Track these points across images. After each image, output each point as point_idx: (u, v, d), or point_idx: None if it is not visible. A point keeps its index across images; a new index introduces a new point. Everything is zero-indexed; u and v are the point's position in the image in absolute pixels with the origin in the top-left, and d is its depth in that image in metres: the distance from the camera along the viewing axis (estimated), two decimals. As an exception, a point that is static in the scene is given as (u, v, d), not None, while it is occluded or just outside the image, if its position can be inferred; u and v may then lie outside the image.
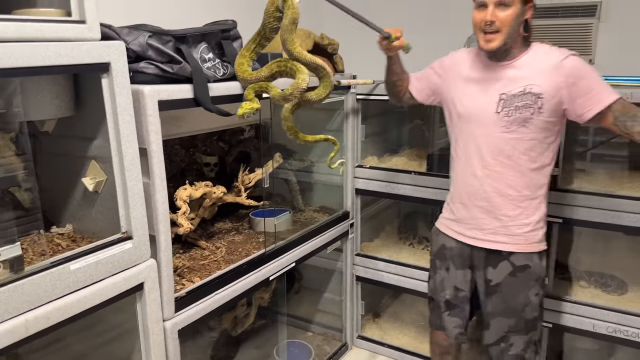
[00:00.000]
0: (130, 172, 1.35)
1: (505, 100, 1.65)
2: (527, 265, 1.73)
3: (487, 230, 1.75)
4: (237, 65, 1.42)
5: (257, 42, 1.44)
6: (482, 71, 1.72)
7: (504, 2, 1.56)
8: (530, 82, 1.62)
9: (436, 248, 1.92)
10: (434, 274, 1.92)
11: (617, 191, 2.05)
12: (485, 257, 1.78)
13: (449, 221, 1.88)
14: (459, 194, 1.81)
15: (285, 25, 1.35)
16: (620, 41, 2.51)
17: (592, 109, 1.60)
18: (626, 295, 2.20)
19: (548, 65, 1.62)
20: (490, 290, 1.79)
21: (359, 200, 2.53)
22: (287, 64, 1.44)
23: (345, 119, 2.38)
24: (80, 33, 1.20)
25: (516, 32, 1.61)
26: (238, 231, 2.23)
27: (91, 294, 1.28)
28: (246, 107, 1.42)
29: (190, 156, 2.33)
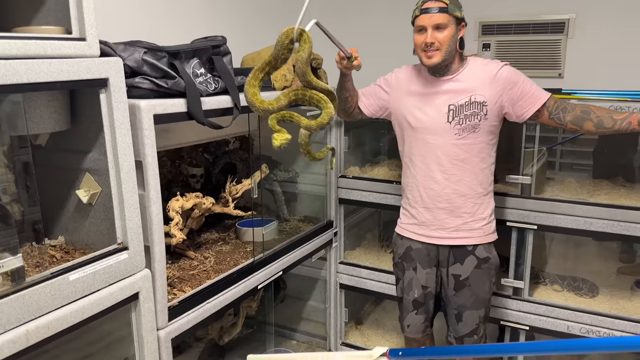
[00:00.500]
0: (126, 184, 1.39)
1: (454, 111, 1.84)
2: (488, 257, 1.94)
3: (451, 229, 1.93)
4: (251, 95, 1.40)
5: (266, 71, 1.44)
6: (427, 86, 1.90)
7: (440, 25, 1.76)
8: (474, 92, 1.83)
9: (402, 251, 2.05)
10: (402, 275, 2.06)
11: (587, 199, 2.17)
12: (452, 254, 1.95)
13: (412, 226, 2.02)
14: (421, 199, 1.96)
15: (304, 58, 1.37)
16: (587, 56, 2.66)
17: (530, 109, 1.84)
18: (597, 297, 2.31)
19: (487, 76, 1.83)
20: (459, 285, 1.95)
21: (342, 209, 2.59)
22: (307, 92, 1.45)
23: (329, 130, 2.45)
24: (81, 50, 1.24)
25: (453, 49, 1.81)
26: (225, 241, 2.27)
27: (89, 304, 1.30)
28: (281, 139, 1.42)
29: (176, 168, 2.36)
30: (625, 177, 2.43)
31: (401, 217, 2.09)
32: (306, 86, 1.45)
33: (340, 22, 3.15)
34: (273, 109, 1.43)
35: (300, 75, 1.41)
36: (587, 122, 1.81)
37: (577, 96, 2.24)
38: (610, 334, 2.11)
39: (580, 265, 2.60)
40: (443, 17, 1.75)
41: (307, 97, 1.46)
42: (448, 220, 1.93)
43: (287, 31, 1.37)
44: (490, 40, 2.82)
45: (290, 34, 1.36)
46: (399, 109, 1.99)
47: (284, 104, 1.44)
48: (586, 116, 1.81)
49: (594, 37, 2.62)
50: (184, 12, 2.42)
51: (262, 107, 1.41)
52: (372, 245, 2.90)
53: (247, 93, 1.41)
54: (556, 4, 2.66)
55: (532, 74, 2.69)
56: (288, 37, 1.36)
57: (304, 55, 1.38)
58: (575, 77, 2.67)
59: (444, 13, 1.75)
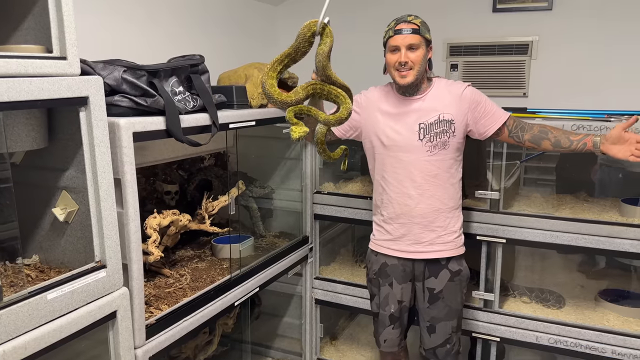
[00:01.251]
0: (105, 202, 1.39)
1: (424, 129, 1.92)
2: (460, 270, 2.02)
3: (425, 243, 1.99)
4: (269, 87, 1.37)
5: (285, 63, 1.40)
6: (398, 106, 1.97)
7: (413, 45, 1.85)
8: (442, 111, 1.92)
9: (377, 267, 2.09)
10: (378, 290, 2.10)
11: (553, 213, 2.26)
12: (427, 268, 2.01)
13: (387, 242, 2.06)
14: (395, 215, 2.01)
15: (325, 51, 1.35)
16: (549, 77, 2.78)
17: (491, 127, 1.96)
18: (564, 308, 2.39)
19: (453, 96, 1.94)
20: (433, 298, 2.01)
21: (317, 225, 2.62)
22: (325, 87, 1.42)
23: (304, 147, 2.49)
24: (62, 69, 1.24)
25: (424, 69, 1.90)
26: (200, 258, 2.26)
27: (67, 323, 1.29)
28: (299, 131, 1.39)
29: (150, 185, 2.35)
30: (587, 192, 2.54)
31: (375, 233, 2.13)
32: (325, 81, 1.42)
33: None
34: (291, 101, 1.39)
35: (320, 69, 1.38)
36: (544, 141, 1.93)
37: (541, 115, 2.35)
38: (577, 344, 2.19)
39: (547, 278, 2.70)
40: (415, 37, 1.84)
41: (325, 92, 1.43)
42: (423, 234, 1.98)
43: (310, 24, 1.35)
44: (458, 61, 2.93)
45: (312, 27, 1.34)
46: (370, 128, 2.05)
47: (301, 97, 1.41)
48: (544, 135, 1.93)
49: (556, 59, 2.75)
50: (161, 31, 2.44)
51: (280, 99, 1.38)
52: (346, 260, 2.93)
53: (266, 84, 1.38)
54: (520, 27, 2.79)
55: (499, 93, 2.82)
56: (310, 30, 1.35)
57: (325, 49, 1.36)
58: (539, 96, 2.80)
59: (416, 34, 1.84)
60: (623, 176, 2.52)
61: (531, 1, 2.75)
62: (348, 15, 3.18)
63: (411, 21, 1.85)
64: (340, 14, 3.18)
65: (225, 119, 1.86)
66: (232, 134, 2.08)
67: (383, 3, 3.06)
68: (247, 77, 2.16)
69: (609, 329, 2.16)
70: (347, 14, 3.17)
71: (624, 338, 2.11)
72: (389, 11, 2.99)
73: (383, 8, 3.07)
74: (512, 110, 2.44)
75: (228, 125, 1.89)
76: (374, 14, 3.11)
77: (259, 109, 2.12)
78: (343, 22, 3.20)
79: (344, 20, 3.19)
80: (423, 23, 1.87)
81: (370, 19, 3.12)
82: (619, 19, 2.60)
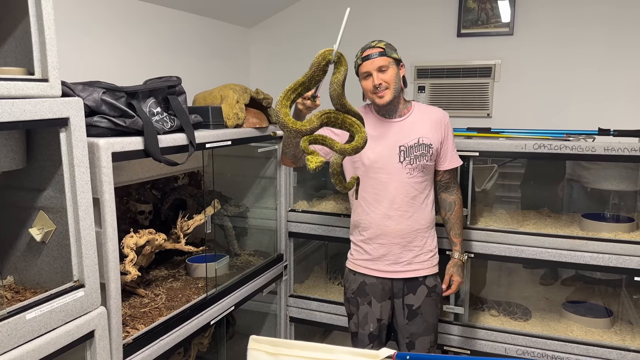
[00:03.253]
0: (84, 221, 1.40)
1: (404, 151, 1.98)
2: (436, 285, 2.08)
3: (404, 262, 2.03)
4: (283, 116, 1.34)
5: (298, 92, 1.39)
6: (378, 127, 2.02)
7: (383, 67, 1.91)
8: (421, 134, 1.99)
9: (355, 286, 2.10)
10: (357, 310, 2.11)
11: (517, 228, 2.36)
12: (405, 285, 2.06)
13: (365, 262, 2.08)
14: (375, 235, 2.04)
15: (340, 80, 1.36)
16: (511, 98, 2.92)
17: (443, 165, 2.06)
18: (530, 320, 2.48)
19: (432, 120, 2.02)
20: (412, 314, 2.05)
21: (292, 243, 2.66)
22: (339, 116, 1.41)
23: (279, 166, 2.54)
24: (43, 90, 1.26)
25: (399, 86, 1.97)
26: (175, 278, 2.26)
27: (45, 343, 1.29)
28: (316, 161, 1.37)
29: (124, 204, 2.35)
30: (550, 208, 2.66)
31: (353, 253, 2.14)
32: (339, 109, 1.41)
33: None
34: (306, 130, 1.38)
35: (335, 97, 1.38)
36: (443, 211, 2.14)
37: (505, 134, 2.47)
38: (543, 354, 2.27)
39: (514, 291, 2.79)
40: (383, 59, 1.91)
41: (339, 120, 1.42)
42: (402, 254, 2.02)
43: (325, 53, 1.35)
44: (425, 83, 3.05)
45: (327, 56, 1.34)
46: None
47: (316, 126, 1.39)
48: (447, 209, 2.12)
49: (517, 81, 2.90)
50: (136, 54, 2.47)
51: (295, 127, 1.36)
52: (320, 277, 2.96)
53: (280, 113, 1.35)
54: (483, 51, 2.93)
55: (464, 114, 2.94)
56: (325, 59, 1.34)
57: (340, 77, 1.36)
58: (502, 117, 2.93)
59: (383, 56, 1.91)
60: (584, 193, 2.65)
61: (493, 27, 2.90)
62: (317, 43, 3.27)
63: (375, 45, 1.93)
64: (310, 42, 3.27)
65: (201, 139, 1.90)
66: (208, 153, 2.11)
67: (352, 30, 3.16)
68: (222, 98, 2.20)
69: (573, 339, 2.26)
70: (316, 41, 3.27)
71: (587, 347, 2.21)
72: (361, 37, 3.11)
73: (354, 35, 3.17)
74: (476, 130, 2.56)
75: (205, 144, 1.92)
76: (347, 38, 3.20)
77: (235, 128, 2.16)
78: (315, 50, 3.29)
79: (316, 48, 3.28)
80: (388, 45, 1.95)
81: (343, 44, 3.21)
82: (575, 44, 2.76)
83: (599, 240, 2.17)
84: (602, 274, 2.64)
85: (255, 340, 1.29)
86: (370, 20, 3.13)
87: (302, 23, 3.29)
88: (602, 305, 2.55)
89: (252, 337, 1.30)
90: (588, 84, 2.77)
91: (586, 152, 2.13)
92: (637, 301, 2.53)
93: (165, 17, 2.62)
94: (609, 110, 2.73)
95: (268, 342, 1.27)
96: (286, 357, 1.25)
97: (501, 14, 2.87)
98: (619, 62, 2.70)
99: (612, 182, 2.44)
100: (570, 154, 2.15)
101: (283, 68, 3.38)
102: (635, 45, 2.65)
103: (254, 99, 2.29)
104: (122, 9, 2.36)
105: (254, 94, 2.28)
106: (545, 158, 2.20)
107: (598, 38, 2.72)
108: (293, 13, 3.31)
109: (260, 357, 1.27)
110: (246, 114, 2.24)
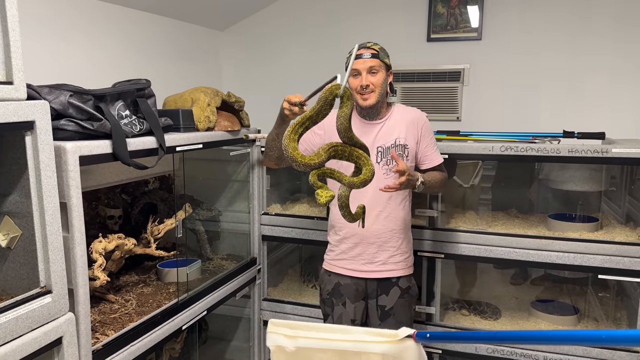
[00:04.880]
0: (51, 227, 1.37)
1: (382, 152, 2.00)
2: (409, 287, 2.09)
3: (379, 262, 2.05)
4: (292, 150, 1.37)
5: (306, 126, 1.42)
6: (358, 129, 2.03)
7: (373, 69, 1.93)
8: (398, 135, 2.01)
9: (330, 287, 2.12)
10: (332, 311, 2.12)
11: (487, 229, 2.41)
12: (378, 286, 2.07)
13: (341, 261, 2.10)
14: (350, 235, 2.06)
15: (347, 114, 1.40)
16: (480, 102, 2.98)
17: (425, 165, 2.06)
18: (500, 319, 2.54)
19: (409, 121, 2.03)
20: (385, 315, 2.06)
21: (265, 246, 2.65)
22: (346, 149, 1.45)
23: (251, 169, 2.54)
24: (8, 93, 1.24)
25: (385, 92, 1.99)
26: (146, 283, 2.24)
27: (11, 351, 1.26)
28: (326, 196, 1.39)
29: (93, 209, 2.31)
30: (517, 209, 2.73)
31: (329, 253, 2.16)
32: (346, 142, 1.45)
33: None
34: (314, 164, 1.41)
35: (342, 131, 1.42)
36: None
37: (473, 137, 2.52)
38: (512, 352, 2.32)
39: (485, 291, 2.84)
40: (375, 61, 1.92)
41: (347, 153, 1.46)
42: (376, 254, 2.04)
43: (332, 88, 1.39)
44: (397, 87, 3.09)
45: (335, 91, 1.39)
46: None
47: (324, 159, 1.42)
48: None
49: (486, 85, 2.96)
50: (105, 55, 2.43)
51: (304, 161, 1.39)
52: (294, 281, 2.97)
53: (288, 148, 1.38)
54: (452, 55, 2.99)
55: (434, 117, 2.99)
56: (332, 93, 1.40)
57: (347, 111, 1.41)
58: (471, 120, 2.98)
59: (375, 58, 1.92)
60: (550, 194, 2.72)
61: (462, 32, 2.95)
62: (289, 46, 3.29)
63: (370, 46, 1.95)
64: (282, 45, 3.28)
65: (172, 142, 1.89)
66: (179, 156, 2.10)
67: (325, 35, 3.19)
68: (193, 101, 2.19)
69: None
70: (288, 45, 3.28)
71: (553, 345, 2.26)
72: (333, 42, 3.15)
73: (326, 40, 3.20)
74: (446, 133, 2.61)
75: (175, 148, 1.91)
76: (319, 42, 3.23)
77: (206, 132, 2.16)
78: (287, 54, 3.30)
79: (288, 52, 3.30)
80: (382, 49, 1.96)
81: (315, 48, 3.24)
82: (541, 49, 2.84)
83: (564, 240, 2.23)
84: (569, 273, 2.72)
85: (274, 323, 1.32)
86: (343, 25, 3.16)
87: (273, 26, 3.30)
88: (570, 304, 2.62)
89: (271, 320, 1.33)
90: (553, 88, 2.85)
91: (551, 154, 2.19)
92: (602, 299, 2.61)
93: (136, 19, 2.60)
94: (574, 113, 2.81)
95: (286, 324, 1.30)
96: (304, 339, 1.28)
97: (470, 19, 2.93)
98: (582, 67, 2.78)
99: (577, 183, 2.51)
100: (536, 155, 2.21)
101: (255, 71, 3.38)
102: (597, 50, 2.74)
103: (226, 102, 2.28)
104: (92, 11, 2.33)
105: (226, 97, 2.27)
106: (511, 160, 2.25)
107: (562, 44, 2.80)
108: (265, 16, 3.32)
109: (279, 340, 1.30)
110: (218, 117, 2.23)
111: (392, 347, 1.20)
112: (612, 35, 2.71)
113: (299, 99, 1.76)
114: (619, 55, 2.71)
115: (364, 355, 1.23)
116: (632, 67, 2.70)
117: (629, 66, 2.70)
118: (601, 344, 1.11)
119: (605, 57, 2.73)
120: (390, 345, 1.20)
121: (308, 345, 1.28)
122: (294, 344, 1.28)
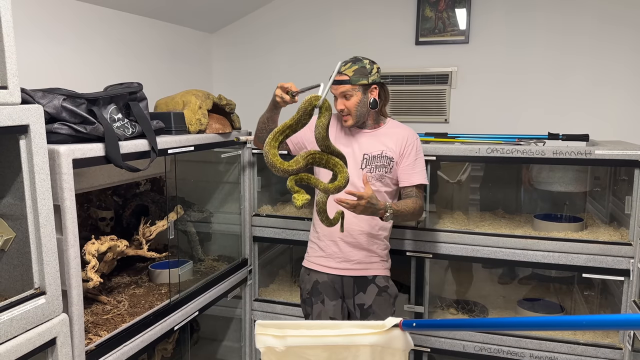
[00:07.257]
0: (44, 229, 1.39)
1: (368, 160, 2.05)
2: (387, 286, 2.11)
3: (355, 261, 2.09)
4: (272, 156, 1.47)
5: (286, 134, 1.50)
6: (348, 134, 2.10)
7: (346, 94, 1.97)
8: (386, 147, 2.06)
9: (309, 286, 2.15)
10: (311, 309, 2.16)
11: (474, 229, 2.45)
12: (355, 284, 2.10)
13: (319, 258, 2.14)
14: (329, 234, 2.10)
15: (325, 124, 1.48)
16: (467, 104, 3.03)
17: (403, 182, 2.06)
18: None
19: (397, 136, 2.08)
20: (364, 313, 2.10)
21: (256, 247, 2.68)
22: (324, 157, 1.54)
23: (242, 171, 2.56)
24: (2, 98, 1.26)
25: (364, 111, 2.02)
26: (138, 284, 2.26)
27: (6, 352, 1.28)
28: (302, 199, 1.50)
29: (85, 211, 2.33)
30: (504, 209, 2.78)
31: (309, 251, 2.21)
32: (324, 150, 1.54)
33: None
34: (292, 170, 1.50)
35: (320, 139, 1.51)
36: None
37: (461, 139, 2.56)
38: (499, 350, 2.37)
39: (472, 290, 2.89)
40: (346, 87, 1.96)
41: (324, 161, 1.55)
42: (352, 253, 2.08)
43: (311, 99, 1.47)
44: (386, 88, 3.12)
45: (314, 102, 1.47)
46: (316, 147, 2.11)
47: (302, 166, 1.51)
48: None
49: (473, 87, 3.01)
50: (97, 59, 2.44)
51: (283, 167, 1.48)
52: (284, 281, 2.99)
53: (269, 154, 1.47)
54: (440, 58, 3.03)
55: (423, 119, 3.03)
56: (311, 104, 1.47)
57: (324, 121, 1.49)
58: (458, 122, 3.03)
59: (347, 84, 1.95)
60: (536, 194, 2.77)
61: (450, 35, 3.00)
62: (279, 50, 3.32)
63: (344, 72, 1.96)
64: (272, 48, 3.31)
65: (164, 145, 1.91)
66: (170, 159, 2.12)
67: (314, 39, 3.22)
68: (184, 104, 2.21)
69: (527, 335, 2.36)
70: (278, 48, 3.31)
71: (539, 342, 2.31)
72: (323, 46, 3.18)
73: (315, 44, 3.23)
74: (434, 135, 2.65)
75: (167, 150, 1.94)
76: (309, 45, 3.26)
77: (198, 134, 2.18)
78: (277, 57, 3.33)
79: (278, 55, 3.32)
80: (358, 70, 1.96)
81: (305, 50, 3.27)
82: (527, 53, 2.89)
83: (550, 240, 2.28)
84: (556, 272, 2.77)
85: (261, 325, 1.33)
86: (333, 28, 3.19)
87: (264, 29, 3.33)
88: (556, 302, 2.67)
89: (258, 322, 1.34)
90: (539, 90, 2.90)
91: (536, 156, 2.24)
92: (588, 297, 2.67)
93: (127, 22, 2.61)
94: (559, 116, 2.87)
95: (274, 325, 1.31)
96: (293, 337, 1.29)
97: (458, 22, 2.97)
98: (567, 71, 2.84)
99: (561, 184, 2.56)
100: (522, 157, 2.26)
101: (246, 74, 3.41)
102: (582, 53, 2.80)
103: (217, 104, 2.31)
104: (84, 14, 2.34)
105: (217, 99, 2.30)
106: (497, 162, 2.30)
107: (548, 47, 2.86)
108: (255, 19, 3.34)
109: (268, 341, 1.31)
110: (209, 120, 2.26)
111: (380, 338, 1.23)
112: (598, 37, 2.77)
113: (292, 86, 1.83)
114: (604, 57, 2.76)
115: (354, 347, 1.26)
116: (617, 70, 2.76)
117: (614, 69, 2.76)
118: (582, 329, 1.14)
119: (590, 60, 2.79)
120: (378, 336, 1.23)
121: (298, 343, 1.30)
122: (284, 343, 1.30)
